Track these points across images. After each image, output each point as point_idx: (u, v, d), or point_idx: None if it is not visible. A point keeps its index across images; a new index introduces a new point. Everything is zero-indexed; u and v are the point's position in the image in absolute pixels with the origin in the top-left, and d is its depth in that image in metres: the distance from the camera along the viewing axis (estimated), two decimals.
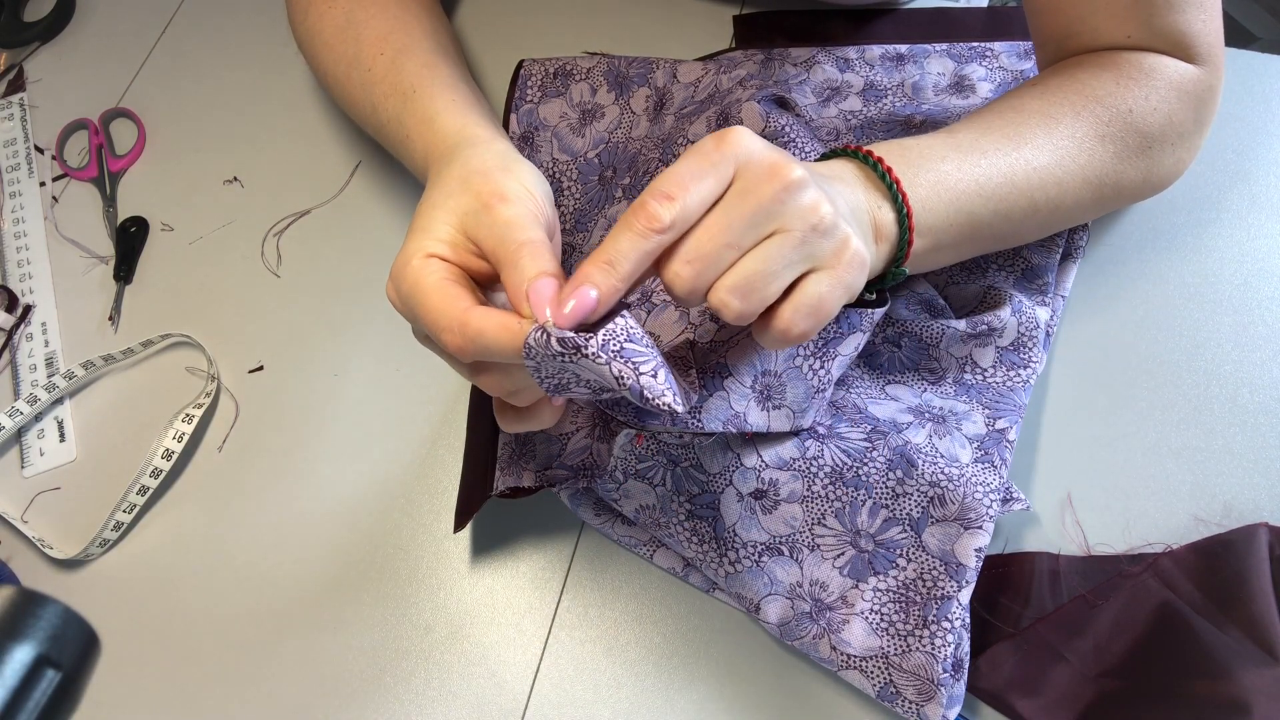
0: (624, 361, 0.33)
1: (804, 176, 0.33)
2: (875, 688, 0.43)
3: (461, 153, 0.42)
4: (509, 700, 0.47)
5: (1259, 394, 0.50)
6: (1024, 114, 0.44)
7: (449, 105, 0.47)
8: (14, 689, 0.22)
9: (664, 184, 0.33)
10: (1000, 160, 0.42)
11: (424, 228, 0.38)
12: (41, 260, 0.62)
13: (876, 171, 0.40)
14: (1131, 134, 0.44)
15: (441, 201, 0.39)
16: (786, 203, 0.33)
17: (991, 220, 0.43)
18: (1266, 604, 0.42)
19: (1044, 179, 0.43)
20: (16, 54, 0.71)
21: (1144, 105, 0.44)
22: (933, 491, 0.43)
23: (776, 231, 0.33)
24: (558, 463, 0.46)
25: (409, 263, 0.37)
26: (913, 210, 0.39)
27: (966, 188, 0.42)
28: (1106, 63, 0.45)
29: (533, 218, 0.37)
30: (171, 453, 0.53)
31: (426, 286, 0.36)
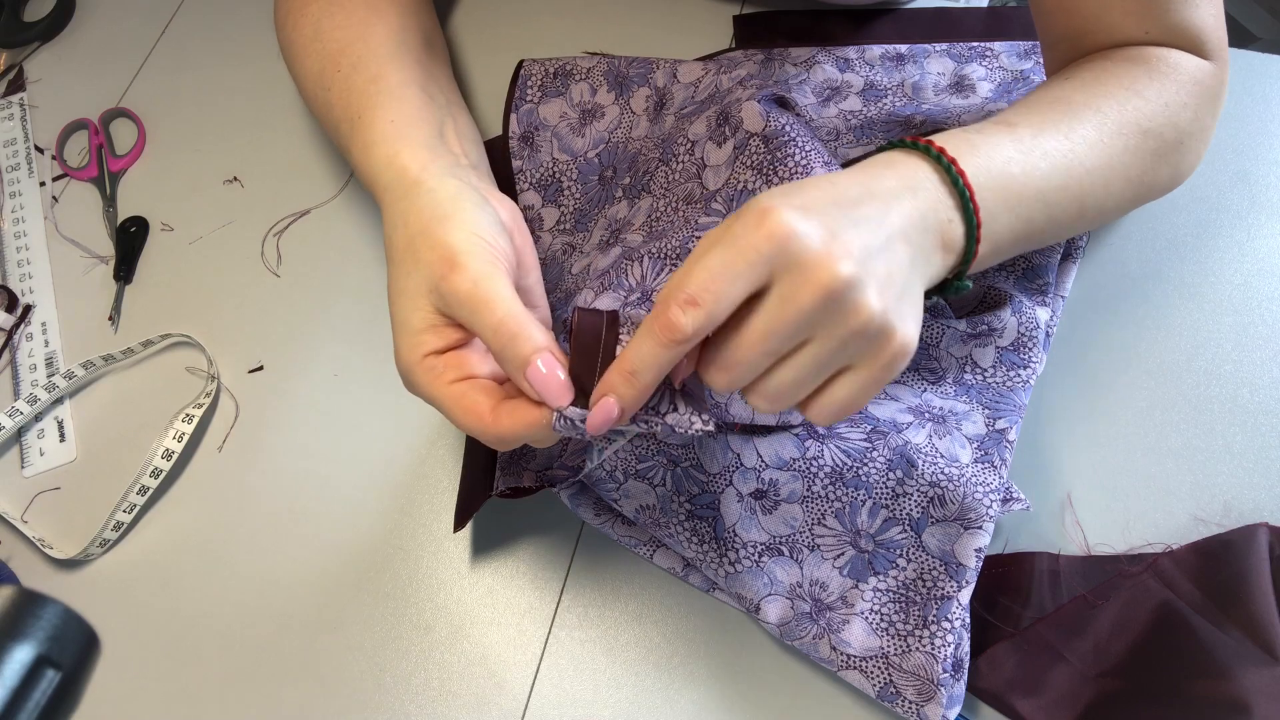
0: (644, 412, 0.35)
1: (851, 277, 0.31)
2: (875, 688, 0.43)
3: (399, 205, 0.42)
4: (509, 700, 0.47)
5: (1259, 394, 0.50)
6: (1075, 108, 0.42)
7: (387, 130, 0.46)
8: (14, 689, 0.22)
9: (690, 284, 0.31)
10: (1059, 162, 0.40)
11: (403, 322, 0.39)
12: (41, 260, 0.62)
13: (950, 174, 0.37)
14: (1170, 129, 0.43)
15: (404, 285, 0.39)
16: (830, 311, 0.31)
17: (1044, 226, 0.41)
18: (1266, 604, 0.42)
19: (1094, 182, 0.42)
20: (16, 54, 0.71)
21: (1176, 100, 0.44)
22: (933, 491, 0.43)
23: (813, 339, 0.32)
24: (558, 463, 0.46)
25: (412, 371, 0.38)
26: (982, 221, 0.37)
27: (1029, 194, 0.40)
28: (1135, 57, 0.44)
29: (490, 272, 0.37)
30: (171, 453, 0.53)
31: (442, 399, 0.38)
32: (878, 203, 0.34)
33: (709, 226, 0.49)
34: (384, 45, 0.51)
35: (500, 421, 0.36)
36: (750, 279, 0.31)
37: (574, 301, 0.50)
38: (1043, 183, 0.40)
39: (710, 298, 0.31)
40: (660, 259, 0.49)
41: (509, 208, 0.44)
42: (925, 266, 0.36)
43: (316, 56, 0.51)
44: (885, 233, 0.33)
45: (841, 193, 0.34)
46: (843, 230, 0.32)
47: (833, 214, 0.32)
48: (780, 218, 0.31)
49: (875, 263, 0.32)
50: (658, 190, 0.52)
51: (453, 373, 0.38)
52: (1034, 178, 0.40)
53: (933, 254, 0.36)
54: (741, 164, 0.48)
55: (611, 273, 0.49)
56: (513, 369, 0.36)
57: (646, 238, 0.51)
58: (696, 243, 0.48)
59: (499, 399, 0.37)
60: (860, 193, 0.34)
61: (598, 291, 0.49)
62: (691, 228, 0.49)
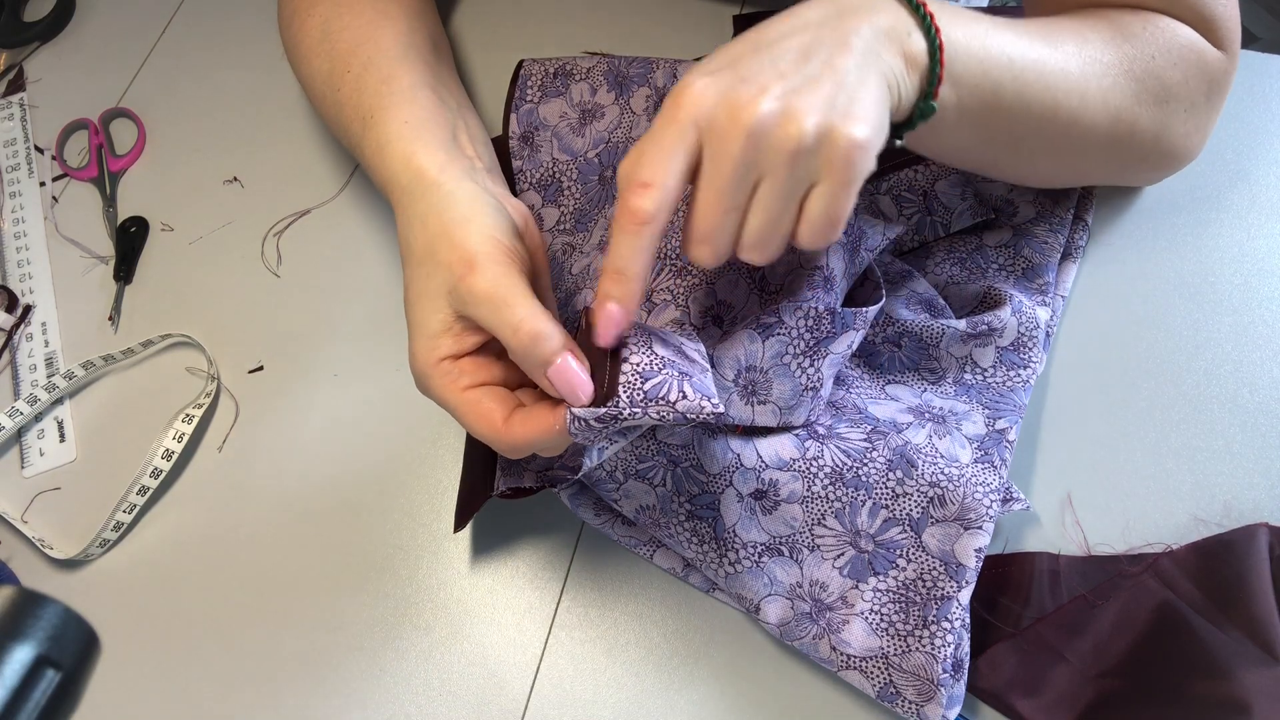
0: (655, 403, 0.36)
1: (765, 108, 0.33)
2: (875, 688, 0.43)
3: (416, 206, 0.42)
4: (509, 700, 0.47)
5: (1259, 394, 0.50)
6: (1058, 28, 0.42)
7: (401, 129, 0.46)
8: (14, 689, 0.22)
9: (638, 171, 0.34)
10: (1032, 49, 0.40)
11: (420, 323, 0.39)
12: (41, 260, 0.62)
13: (910, 3, 0.37)
14: (1152, 79, 0.43)
15: (423, 287, 0.40)
16: (760, 148, 0.33)
17: (1013, 103, 0.40)
18: (1266, 604, 0.42)
19: (1069, 84, 0.41)
20: (16, 54, 0.71)
21: (1166, 57, 0.43)
22: (933, 492, 0.43)
23: (762, 177, 0.34)
24: (559, 463, 0.46)
25: (428, 375, 0.39)
26: (944, 46, 0.37)
27: (997, 54, 0.39)
28: (1136, 10, 0.44)
29: (508, 272, 0.38)
30: (171, 453, 0.53)
31: (458, 406, 0.38)
32: (805, 31, 0.35)
33: None
34: (394, 47, 0.51)
35: (514, 430, 0.37)
36: (684, 148, 0.34)
37: (574, 301, 0.50)
38: (1014, 53, 0.40)
39: (658, 175, 0.33)
40: (660, 259, 0.49)
41: (522, 212, 0.44)
42: (878, 64, 0.35)
43: (325, 57, 0.51)
44: (813, 52, 0.35)
45: (760, 37, 0.35)
46: (754, 71, 0.34)
47: (745, 61, 0.34)
48: (689, 85, 0.34)
49: (795, 81, 0.34)
50: None
51: (467, 378, 0.39)
52: (1004, 43, 0.40)
53: (889, 56, 0.36)
54: None
55: None
56: (534, 367, 0.36)
57: None
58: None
59: (512, 406, 0.38)
60: (784, 29, 0.35)
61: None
62: None
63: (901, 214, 0.52)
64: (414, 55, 0.51)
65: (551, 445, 0.38)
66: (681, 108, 0.34)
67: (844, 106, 0.33)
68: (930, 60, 0.37)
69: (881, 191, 0.53)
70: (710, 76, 0.34)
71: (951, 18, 0.38)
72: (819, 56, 0.34)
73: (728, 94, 0.33)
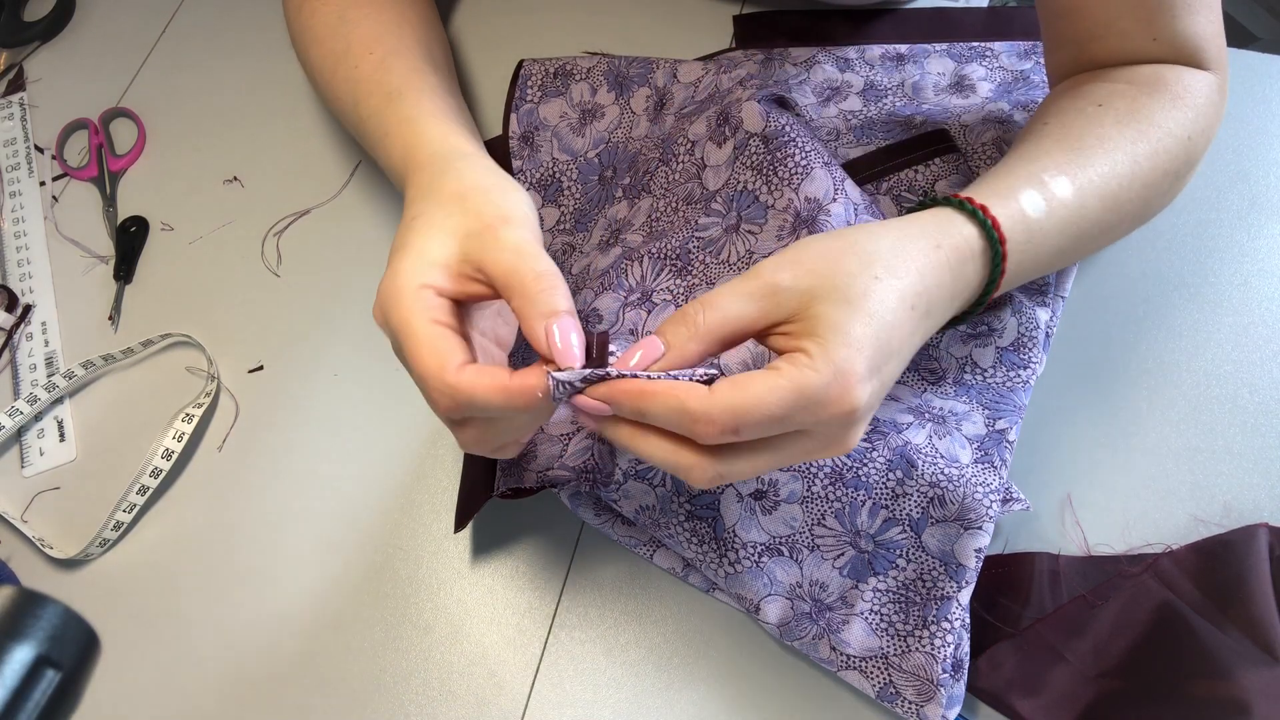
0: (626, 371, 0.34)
1: (863, 410, 0.33)
2: (875, 688, 0.43)
3: (453, 165, 0.41)
4: (509, 700, 0.47)
5: (1259, 394, 0.50)
6: (1112, 152, 0.42)
7: (434, 112, 0.46)
8: (14, 689, 0.22)
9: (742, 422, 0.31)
10: (1090, 238, 0.43)
11: (419, 248, 0.36)
12: (41, 260, 0.62)
13: (985, 229, 0.38)
14: (1185, 165, 0.45)
15: (440, 220, 0.37)
16: (831, 437, 0.33)
17: (1047, 270, 0.44)
18: (1266, 604, 0.42)
19: (1114, 236, 0.44)
20: (16, 54, 0.71)
21: (1198, 131, 0.44)
22: (932, 492, 0.43)
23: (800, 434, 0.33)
24: (559, 463, 0.46)
25: (401, 293, 0.35)
26: (1001, 285, 0.39)
27: (1053, 259, 0.42)
28: (1156, 84, 0.44)
29: (539, 244, 0.37)
30: (171, 452, 0.53)
31: (416, 332, 0.35)
32: (916, 322, 0.35)
33: (709, 226, 0.49)
34: (417, 47, 0.52)
35: (462, 378, 0.33)
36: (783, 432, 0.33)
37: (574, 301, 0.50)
38: (1068, 251, 0.42)
39: (750, 428, 0.32)
40: (660, 259, 0.49)
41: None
42: (929, 332, 0.37)
43: (342, 39, 0.52)
44: (909, 349, 0.35)
45: (889, 340, 0.34)
46: (880, 381, 0.34)
47: (881, 367, 0.34)
48: (859, 396, 0.32)
49: (886, 383, 0.34)
50: (658, 190, 0.52)
51: (441, 314, 0.36)
52: (1060, 249, 0.41)
53: (945, 316, 0.38)
54: (741, 164, 0.48)
55: (611, 273, 0.49)
56: (538, 315, 0.33)
57: (646, 238, 0.51)
58: (697, 242, 0.48)
59: (466, 360, 0.35)
60: (879, 292, 0.34)
61: (598, 291, 0.49)
62: (691, 228, 0.49)
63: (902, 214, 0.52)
64: (435, 63, 0.52)
65: (498, 412, 0.34)
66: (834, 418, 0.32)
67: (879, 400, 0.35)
68: (983, 295, 0.39)
69: (882, 191, 0.53)
70: (868, 384, 0.33)
71: (1023, 255, 0.39)
72: (911, 346, 0.36)
73: (862, 406, 0.33)
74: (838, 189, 0.46)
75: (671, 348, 0.33)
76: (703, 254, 0.48)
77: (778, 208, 0.47)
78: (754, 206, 0.48)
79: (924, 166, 0.52)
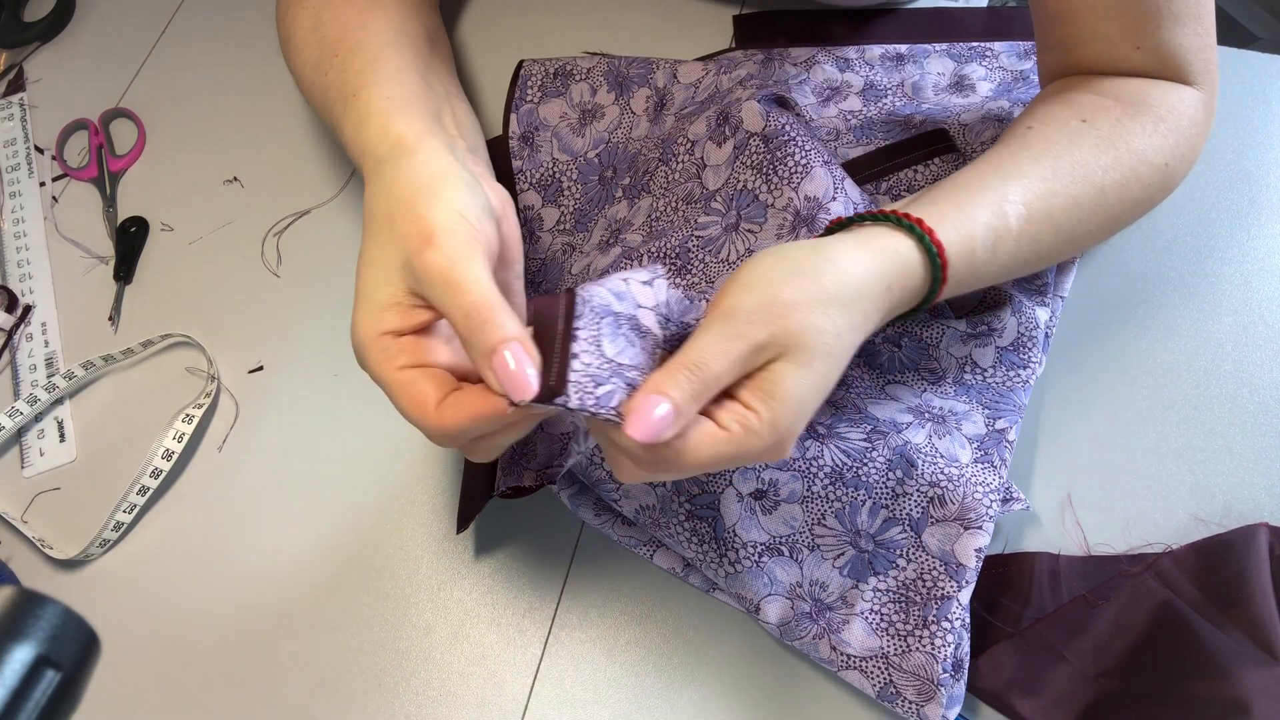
0: (605, 410, 0.33)
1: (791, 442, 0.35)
2: (875, 688, 0.43)
3: (384, 170, 0.40)
4: (509, 700, 0.47)
5: (1259, 394, 0.50)
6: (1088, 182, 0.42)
7: (382, 104, 0.44)
8: (14, 689, 0.22)
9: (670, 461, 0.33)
10: (1032, 266, 0.44)
11: (368, 294, 0.37)
12: (41, 260, 0.62)
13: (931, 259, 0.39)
14: (1161, 191, 0.45)
15: (374, 256, 0.37)
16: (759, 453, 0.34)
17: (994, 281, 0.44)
18: (1266, 604, 0.42)
19: (1059, 259, 0.45)
20: (16, 54, 0.71)
21: (1176, 157, 0.44)
22: (933, 492, 0.43)
23: None
24: (558, 461, 0.46)
25: (365, 348, 0.36)
26: (942, 293, 0.40)
27: (988, 282, 0.43)
28: (1142, 103, 0.44)
29: (467, 253, 0.35)
30: (171, 453, 0.53)
31: (389, 382, 0.36)
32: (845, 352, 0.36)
33: (709, 226, 0.49)
34: (384, 33, 0.50)
35: (444, 415, 0.34)
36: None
37: None
38: (1022, 263, 0.43)
39: (677, 474, 0.34)
40: (660, 259, 0.49)
41: (501, 195, 0.42)
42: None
43: (315, 45, 0.51)
44: (839, 370, 0.36)
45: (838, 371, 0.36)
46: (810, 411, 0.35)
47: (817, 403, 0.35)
48: (787, 453, 0.35)
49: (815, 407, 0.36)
50: (658, 190, 0.52)
51: (405, 357, 0.36)
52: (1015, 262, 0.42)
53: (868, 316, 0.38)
54: (741, 164, 0.48)
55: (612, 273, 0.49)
56: (478, 356, 0.33)
57: (646, 238, 0.51)
58: (697, 241, 0.48)
59: (449, 390, 0.35)
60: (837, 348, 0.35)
61: None
62: (691, 228, 0.49)
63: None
64: (404, 42, 0.50)
65: (489, 427, 0.35)
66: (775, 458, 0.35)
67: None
68: (928, 295, 0.40)
69: (881, 191, 0.53)
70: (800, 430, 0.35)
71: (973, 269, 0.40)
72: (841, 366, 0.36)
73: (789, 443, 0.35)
74: (837, 188, 0.46)
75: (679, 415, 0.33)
76: (702, 253, 0.48)
77: (778, 207, 0.47)
78: (754, 206, 0.48)
79: (923, 166, 0.52)
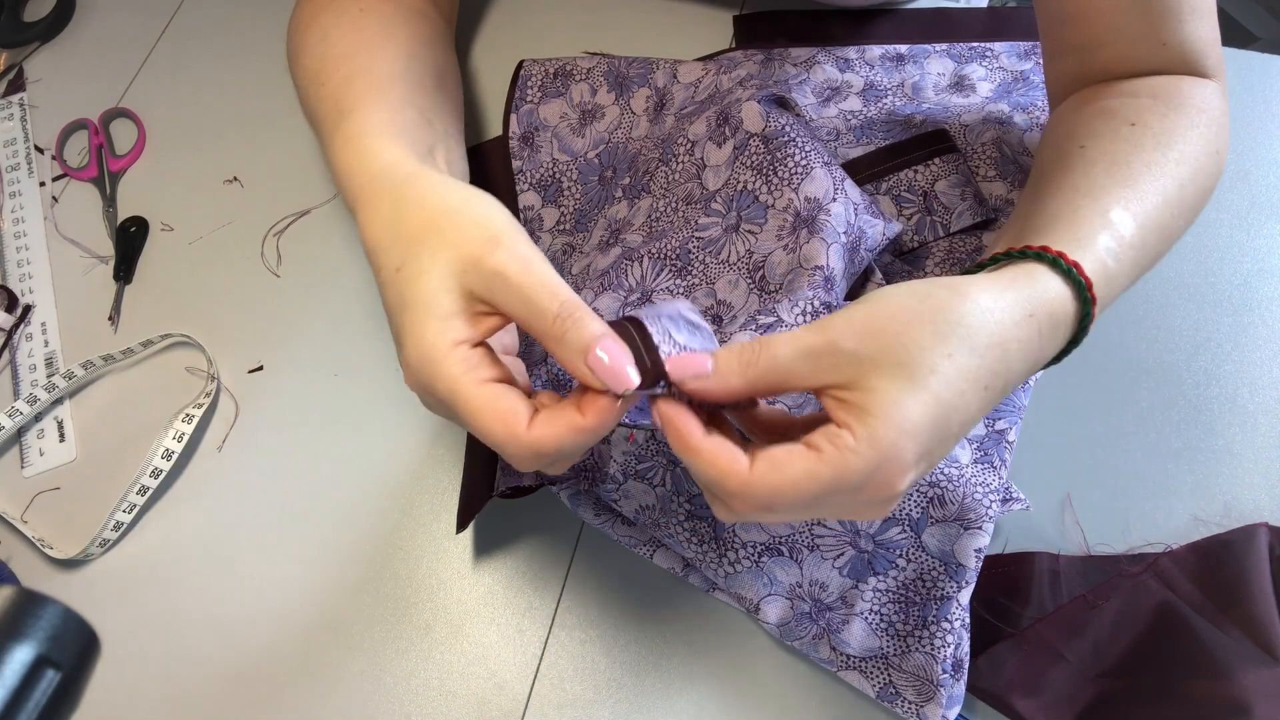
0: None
1: (902, 492, 0.31)
2: (875, 688, 0.43)
3: (404, 190, 0.38)
4: (509, 700, 0.47)
5: (1259, 394, 0.50)
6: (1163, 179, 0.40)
7: (379, 127, 0.42)
8: (14, 689, 0.22)
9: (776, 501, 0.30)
10: (1144, 272, 0.41)
11: (426, 304, 0.34)
12: (41, 260, 0.62)
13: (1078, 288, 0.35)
14: (1218, 178, 0.44)
15: (425, 265, 0.34)
16: (864, 510, 0.32)
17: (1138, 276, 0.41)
18: (1266, 604, 0.42)
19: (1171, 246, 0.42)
20: (16, 54, 0.71)
21: (1222, 145, 0.44)
22: (932, 492, 0.43)
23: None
24: None
25: (439, 361, 0.33)
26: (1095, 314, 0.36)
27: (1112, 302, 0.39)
28: (1177, 100, 0.43)
29: (535, 253, 0.34)
30: (171, 453, 0.53)
31: (472, 400, 0.32)
32: (985, 401, 0.32)
33: (709, 227, 0.49)
34: (392, 63, 0.48)
35: (536, 433, 0.32)
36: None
37: None
38: (1127, 284, 0.39)
39: (785, 507, 0.30)
40: (660, 259, 0.49)
41: None
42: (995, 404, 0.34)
43: (318, 57, 0.49)
44: (970, 427, 0.33)
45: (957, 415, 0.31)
46: (928, 463, 0.31)
47: (932, 450, 0.31)
48: (905, 483, 0.30)
49: (935, 463, 0.32)
50: (658, 190, 0.52)
51: (487, 370, 0.33)
52: (1123, 286, 0.39)
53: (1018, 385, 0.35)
54: (741, 164, 0.48)
55: (611, 273, 0.49)
56: (571, 354, 0.32)
57: (646, 238, 0.51)
58: (697, 242, 0.48)
59: (532, 408, 0.33)
60: (951, 370, 0.31)
61: (597, 292, 0.49)
62: (691, 228, 0.49)
63: (901, 214, 0.52)
64: (410, 78, 0.48)
65: (576, 449, 0.33)
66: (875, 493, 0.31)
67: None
68: (1068, 344, 0.37)
69: (881, 191, 0.53)
70: (914, 470, 0.31)
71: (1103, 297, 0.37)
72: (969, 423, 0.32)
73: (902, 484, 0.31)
74: (838, 189, 0.46)
75: (718, 373, 0.32)
76: (703, 254, 0.48)
77: (778, 207, 0.47)
78: (754, 206, 0.48)
79: (924, 166, 0.52)
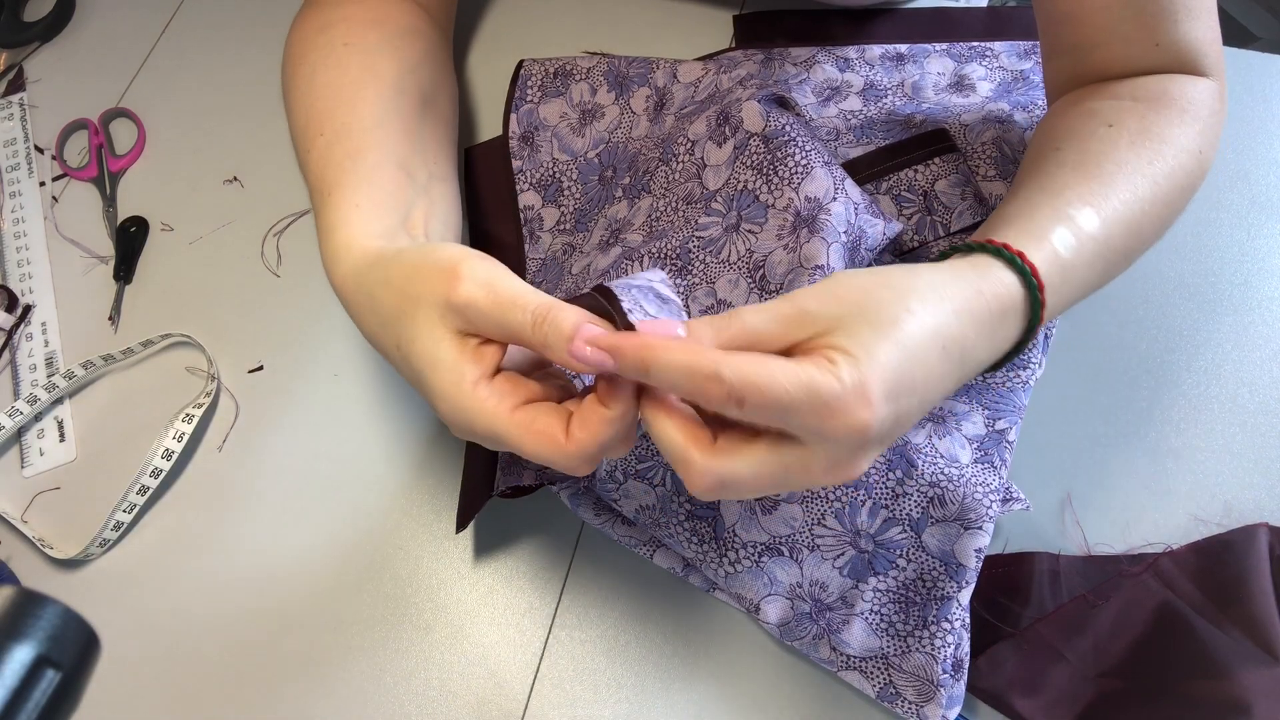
0: None
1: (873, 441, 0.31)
2: (875, 688, 0.43)
3: (371, 271, 0.39)
4: (509, 700, 0.47)
5: (1259, 394, 0.50)
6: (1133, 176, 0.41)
7: (349, 214, 0.43)
8: (14, 689, 0.22)
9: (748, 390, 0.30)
10: (1115, 268, 0.42)
11: (432, 361, 0.35)
12: (41, 260, 0.62)
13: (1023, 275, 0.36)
14: (1199, 179, 0.44)
15: (414, 332, 0.36)
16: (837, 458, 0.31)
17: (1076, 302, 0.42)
18: (1266, 604, 0.42)
19: (1133, 261, 0.43)
20: (16, 54, 0.71)
21: (1208, 145, 0.44)
22: (932, 492, 0.43)
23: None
24: None
25: (465, 410, 0.34)
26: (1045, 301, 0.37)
27: (1079, 295, 0.41)
28: (1164, 100, 0.44)
29: (496, 271, 0.35)
30: (171, 453, 0.53)
31: (508, 430, 0.34)
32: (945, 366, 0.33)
33: (709, 226, 0.49)
34: (371, 114, 0.47)
35: (575, 438, 0.33)
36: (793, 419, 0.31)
37: None
38: (1090, 277, 0.40)
39: (754, 403, 0.30)
40: (660, 259, 0.49)
41: None
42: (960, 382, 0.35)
43: (304, 111, 0.49)
44: (934, 394, 0.33)
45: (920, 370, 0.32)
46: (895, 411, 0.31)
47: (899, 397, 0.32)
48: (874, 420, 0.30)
49: (901, 420, 0.32)
50: (658, 190, 0.52)
51: (510, 398, 0.34)
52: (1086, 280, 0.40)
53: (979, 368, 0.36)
54: (742, 164, 0.48)
55: (611, 272, 0.49)
56: (558, 351, 0.32)
57: (647, 238, 0.51)
58: (697, 241, 0.48)
59: (565, 418, 0.34)
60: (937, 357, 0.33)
61: None
62: (692, 228, 0.49)
63: (901, 213, 0.52)
64: (391, 121, 0.48)
65: (618, 439, 0.33)
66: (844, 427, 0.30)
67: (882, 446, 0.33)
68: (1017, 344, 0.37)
69: (881, 191, 0.53)
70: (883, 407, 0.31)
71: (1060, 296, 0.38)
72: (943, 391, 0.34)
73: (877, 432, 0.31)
74: (838, 188, 0.46)
75: (690, 336, 0.32)
76: (703, 253, 0.48)
77: (778, 207, 0.47)
78: (754, 206, 0.48)
79: (923, 166, 0.52)
